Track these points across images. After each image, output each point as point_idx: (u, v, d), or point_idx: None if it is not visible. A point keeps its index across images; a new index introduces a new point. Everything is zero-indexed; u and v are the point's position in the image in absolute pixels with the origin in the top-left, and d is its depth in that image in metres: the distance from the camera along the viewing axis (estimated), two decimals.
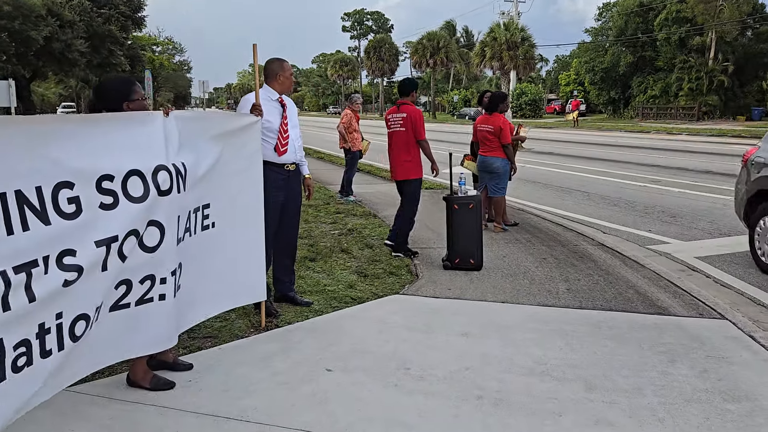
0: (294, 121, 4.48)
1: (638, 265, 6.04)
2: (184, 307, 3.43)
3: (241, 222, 3.92)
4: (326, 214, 8.61)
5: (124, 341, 3.08)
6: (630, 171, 14.48)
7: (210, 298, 3.76)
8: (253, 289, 4.09)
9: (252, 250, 4.03)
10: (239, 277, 3.95)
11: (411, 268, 5.84)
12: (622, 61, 46.75)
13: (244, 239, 3.96)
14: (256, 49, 4.08)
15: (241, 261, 3.95)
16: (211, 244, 3.68)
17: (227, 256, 3.83)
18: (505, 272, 5.74)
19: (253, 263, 4.06)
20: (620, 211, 9.50)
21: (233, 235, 3.86)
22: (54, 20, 30.76)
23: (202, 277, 3.63)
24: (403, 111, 6.19)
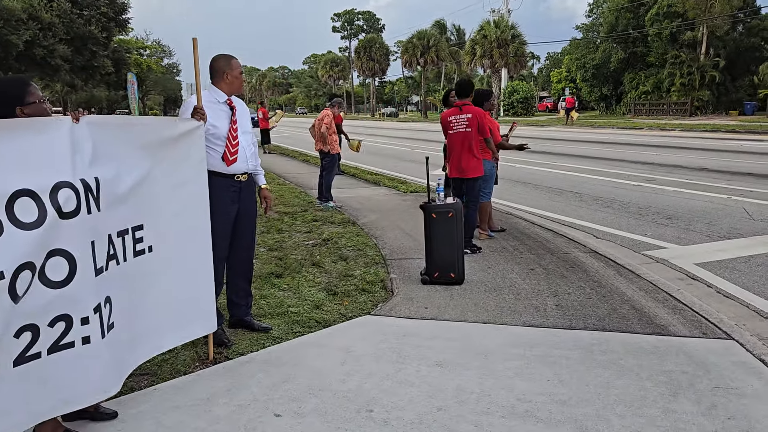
0: (246, 125, 3.99)
1: (633, 274, 5.57)
2: (121, 348, 2.93)
3: (185, 244, 3.42)
4: (302, 222, 8.11)
5: (39, 400, 2.57)
6: (623, 169, 14.03)
7: (154, 335, 3.26)
8: (203, 319, 3.59)
9: (199, 275, 3.54)
10: (186, 307, 3.45)
11: (386, 283, 5.35)
12: (613, 57, 46.37)
13: (189, 263, 3.46)
14: (196, 44, 3.59)
15: (187, 288, 3.45)
16: (149, 271, 3.18)
17: (171, 284, 3.34)
18: (489, 286, 5.26)
19: (202, 290, 3.56)
20: (614, 213, 9.04)
21: (177, 259, 3.36)
22: (35, 24, 30.13)
23: (141, 310, 3.13)
24: (467, 111, 6.37)
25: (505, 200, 10.28)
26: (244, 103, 4.09)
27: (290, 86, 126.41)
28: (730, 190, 10.60)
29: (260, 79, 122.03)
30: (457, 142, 6.37)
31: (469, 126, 6.32)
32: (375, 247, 6.67)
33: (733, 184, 11.23)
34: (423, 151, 20.59)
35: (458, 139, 6.36)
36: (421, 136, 31.13)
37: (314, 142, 9.92)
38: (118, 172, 2.90)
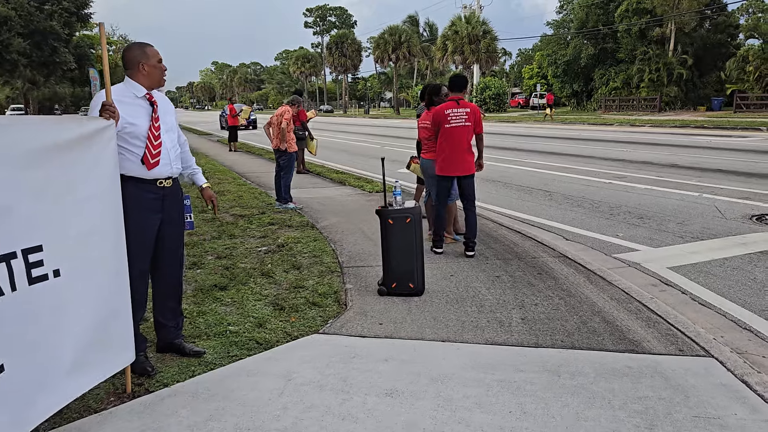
0: (170, 122, 3.51)
1: (604, 281, 5.22)
2: (16, 398, 2.46)
3: (96, 265, 2.94)
4: (258, 225, 7.63)
5: None
6: (594, 166, 13.80)
7: (63, 376, 2.75)
8: (119, 349, 3.11)
9: (114, 300, 3.06)
10: (99, 338, 2.97)
11: (340, 295, 4.92)
12: (583, 53, 46.53)
13: (102, 287, 2.98)
14: (103, 30, 3.12)
15: (99, 316, 2.97)
16: (51, 300, 2.68)
17: (79, 312, 2.85)
18: (451, 297, 4.86)
19: (121, 313, 3.09)
20: (584, 212, 8.73)
21: (86, 283, 2.87)
22: None
23: (42, 349, 2.64)
24: (464, 106, 6.11)
25: None
26: (167, 98, 3.62)
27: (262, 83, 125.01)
28: (700, 187, 10.40)
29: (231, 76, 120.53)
30: (456, 136, 6.02)
31: (468, 120, 6.07)
32: (332, 253, 6.24)
33: (703, 181, 11.03)
34: (393, 149, 20.20)
35: (458, 133, 6.02)
36: (392, 132, 30.74)
37: (272, 140, 9.43)
38: None
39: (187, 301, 4.71)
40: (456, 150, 6.06)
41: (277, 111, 9.34)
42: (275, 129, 9.19)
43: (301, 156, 13.58)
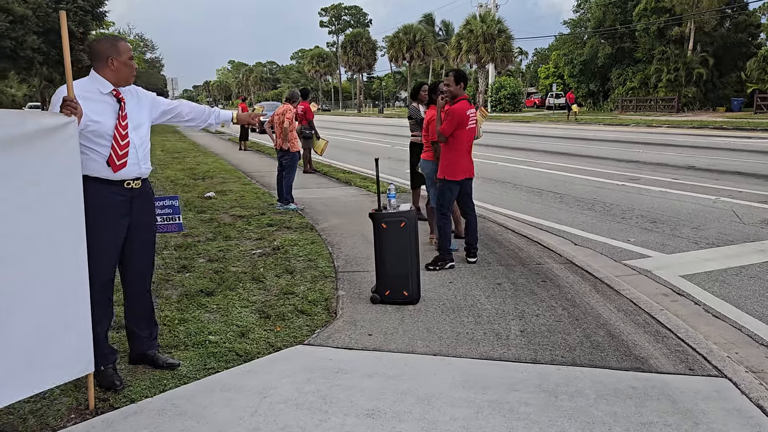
0: (139, 119, 3.28)
1: (612, 291, 4.93)
2: None
3: (50, 268, 2.75)
4: (256, 227, 7.42)
5: None
6: (608, 168, 13.44)
7: (9, 378, 2.60)
8: (76, 358, 2.91)
9: (71, 306, 2.86)
10: (53, 345, 2.79)
11: (331, 302, 4.68)
12: (600, 52, 45.92)
13: (57, 292, 2.80)
14: (65, 19, 2.92)
15: (54, 322, 2.78)
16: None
17: (30, 317, 2.67)
18: (448, 305, 4.60)
19: (74, 323, 2.88)
20: (595, 216, 8.42)
21: (39, 287, 2.71)
22: (6, 17, 29.11)
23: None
24: (472, 106, 5.80)
25: (480, 201, 9.63)
26: (144, 93, 3.39)
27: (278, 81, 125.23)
28: (718, 190, 10.03)
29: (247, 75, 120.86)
30: (469, 138, 5.73)
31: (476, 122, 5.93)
32: (329, 257, 6.00)
33: (721, 184, 10.66)
34: (403, 148, 19.93)
35: (470, 134, 5.74)
36: (405, 132, 30.41)
37: (274, 140, 9.22)
38: None
39: (171, 308, 4.51)
40: (467, 152, 5.79)
41: (278, 110, 9.12)
42: (277, 128, 8.98)
43: (308, 155, 13.37)
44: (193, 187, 10.67)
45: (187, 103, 3.61)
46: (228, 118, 3.78)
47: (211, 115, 3.69)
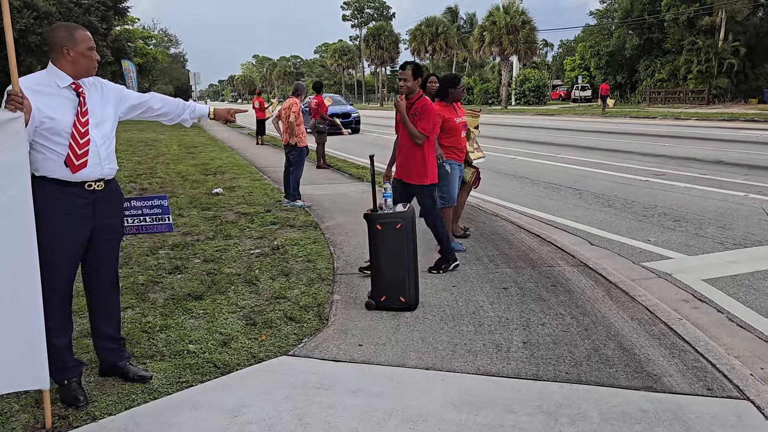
0: (103, 115, 3.02)
1: (627, 297, 4.59)
2: None
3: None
4: (259, 225, 7.19)
5: None
6: (632, 162, 12.95)
7: None
8: (29, 375, 2.70)
9: (20, 317, 2.64)
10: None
11: (324, 308, 4.42)
12: (628, 43, 44.87)
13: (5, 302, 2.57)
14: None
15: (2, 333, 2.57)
16: None
17: None
18: (447, 312, 4.31)
19: (24, 336, 2.66)
20: (615, 213, 8.02)
21: None
22: (30, 13, 29.40)
23: None
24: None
25: (495, 197, 9.31)
26: (110, 87, 3.14)
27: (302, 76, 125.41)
28: (747, 186, 9.53)
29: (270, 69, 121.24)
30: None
31: None
32: (329, 258, 5.74)
33: (751, 179, 10.15)
34: None
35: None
36: None
37: (281, 135, 8.98)
38: None
39: (154, 313, 4.29)
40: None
41: (285, 104, 8.88)
42: (284, 123, 8.74)
43: (321, 150, 13.14)
44: (203, 183, 10.50)
45: (160, 96, 3.35)
46: (204, 113, 3.52)
47: (185, 110, 3.43)
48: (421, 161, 4.94)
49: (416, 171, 4.97)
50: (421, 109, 4.84)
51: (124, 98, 3.16)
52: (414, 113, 4.86)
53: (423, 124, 4.83)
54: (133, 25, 55.81)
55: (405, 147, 5.00)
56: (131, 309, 4.38)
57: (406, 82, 4.87)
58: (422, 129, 4.84)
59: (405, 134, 4.97)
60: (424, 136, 4.85)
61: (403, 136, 5.01)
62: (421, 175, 4.97)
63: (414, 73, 4.88)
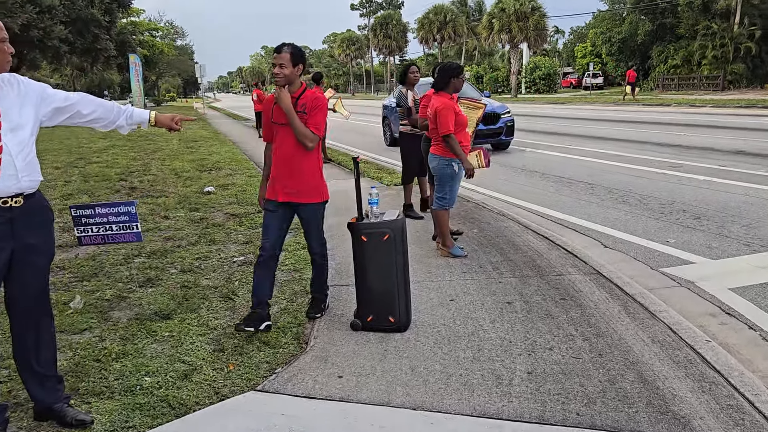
0: (19, 118, 2.54)
1: (646, 312, 4.07)
2: None
3: None
4: (248, 227, 6.73)
5: None
6: (646, 153, 12.35)
7: None
8: None
9: None
10: None
11: (304, 328, 3.94)
12: (640, 29, 43.85)
13: None
14: None
15: None
16: None
17: None
18: (442, 334, 3.82)
19: None
20: (630, 210, 7.48)
21: None
22: (32, 8, 29.04)
23: None
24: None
25: (502, 194, 8.80)
26: (30, 86, 2.66)
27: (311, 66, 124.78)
28: None
29: None
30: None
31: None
32: None
33: None
34: None
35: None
36: None
37: None
38: None
39: (113, 336, 3.84)
40: None
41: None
42: None
43: (321, 144, 12.63)
44: (196, 180, 10.05)
45: (91, 98, 2.86)
46: (144, 119, 3.02)
47: (120, 115, 2.93)
48: (314, 171, 3.86)
49: (309, 186, 3.84)
50: (311, 103, 3.74)
51: (47, 99, 2.67)
52: (302, 110, 3.71)
53: (315, 120, 3.73)
54: (138, 17, 55.50)
55: (290, 155, 3.76)
56: (89, 331, 3.93)
57: (282, 68, 3.62)
58: (314, 127, 3.73)
59: (288, 138, 3.75)
60: (317, 137, 3.73)
61: (286, 141, 3.76)
62: (315, 191, 3.87)
63: (294, 57, 3.63)
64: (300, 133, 3.69)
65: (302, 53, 3.70)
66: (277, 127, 3.80)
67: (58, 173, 11.24)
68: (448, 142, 5.22)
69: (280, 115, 3.72)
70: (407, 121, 7.06)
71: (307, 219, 3.95)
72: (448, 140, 5.21)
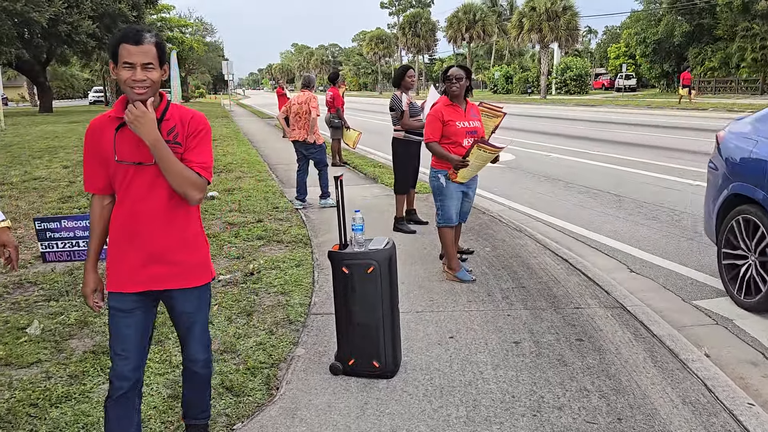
0: None
1: (677, 362, 3.49)
2: None
3: None
4: (243, 239, 6.27)
5: None
6: (679, 162, 11.61)
7: None
8: None
9: None
10: None
11: (278, 369, 3.45)
12: (677, 30, 42.49)
13: None
14: None
15: None
16: None
17: None
18: (435, 383, 3.29)
19: None
20: (660, 228, 6.85)
21: None
22: (61, 2, 29.16)
23: None
24: None
25: (522, 204, 8.24)
26: None
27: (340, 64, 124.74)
28: None
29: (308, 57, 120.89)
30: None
31: None
32: (308, 288, 4.78)
33: None
34: None
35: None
36: None
37: (289, 131, 8.08)
38: None
39: (62, 373, 3.39)
40: None
41: (298, 98, 7.98)
42: (303, 119, 7.87)
43: (337, 146, 12.18)
44: None
45: None
46: None
47: None
48: (197, 236, 2.43)
49: (192, 260, 2.40)
50: (187, 127, 2.29)
51: None
52: (172, 140, 2.25)
53: (200, 155, 2.28)
54: (168, 14, 55.79)
55: (157, 214, 2.28)
56: (37, 365, 3.50)
57: (148, 71, 2.16)
58: (201, 167, 2.26)
59: (156, 188, 2.26)
60: (206, 182, 2.29)
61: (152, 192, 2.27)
62: (201, 267, 2.44)
63: (161, 51, 2.20)
64: (179, 178, 2.20)
65: (164, 47, 2.23)
66: (129, 169, 2.24)
67: (65, 172, 10.96)
68: (429, 148, 4.86)
69: (137, 150, 2.21)
70: (400, 126, 6.56)
71: (189, 313, 2.44)
72: (428, 148, 4.88)
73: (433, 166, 4.91)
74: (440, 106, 4.81)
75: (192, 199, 2.27)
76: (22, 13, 27.08)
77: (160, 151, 2.18)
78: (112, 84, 48.24)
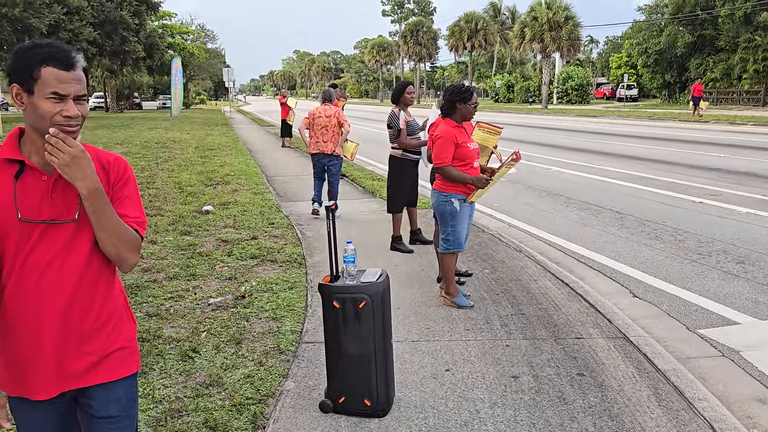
0: None
1: (682, 400, 3.34)
2: None
3: None
4: (237, 258, 6.13)
5: None
6: (682, 177, 11.48)
7: None
8: None
9: None
10: None
11: (265, 406, 3.30)
12: (679, 41, 42.44)
13: None
14: None
15: None
16: None
17: None
18: (429, 422, 3.14)
19: None
20: (663, 249, 6.71)
21: None
22: (60, 8, 29.17)
23: None
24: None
25: (522, 221, 8.10)
26: None
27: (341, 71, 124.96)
28: None
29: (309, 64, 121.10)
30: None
31: None
32: (302, 313, 4.64)
33: None
34: None
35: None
36: None
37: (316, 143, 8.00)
38: None
39: None
40: None
41: (323, 111, 7.96)
42: (333, 132, 7.86)
43: None
44: (198, 197, 9.52)
45: None
46: None
47: None
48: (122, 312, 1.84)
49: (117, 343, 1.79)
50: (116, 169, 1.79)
51: None
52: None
53: (134, 210, 1.79)
54: (170, 21, 55.87)
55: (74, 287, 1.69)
56: None
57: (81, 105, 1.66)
58: (137, 222, 1.78)
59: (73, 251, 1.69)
60: (141, 241, 1.79)
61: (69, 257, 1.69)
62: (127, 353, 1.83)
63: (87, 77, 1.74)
64: (116, 237, 1.70)
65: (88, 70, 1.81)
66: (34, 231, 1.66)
67: None
68: (444, 172, 4.59)
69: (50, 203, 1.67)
70: (397, 144, 6.42)
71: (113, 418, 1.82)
72: (443, 172, 4.59)
73: (443, 190, 4.67)
74: (450, 129, 4.63)
75: (127, 264, 1.75)
76: (21, 20, 27.07)
77: (98, 203, 1.64)
78: (112, 90, 48.27)
